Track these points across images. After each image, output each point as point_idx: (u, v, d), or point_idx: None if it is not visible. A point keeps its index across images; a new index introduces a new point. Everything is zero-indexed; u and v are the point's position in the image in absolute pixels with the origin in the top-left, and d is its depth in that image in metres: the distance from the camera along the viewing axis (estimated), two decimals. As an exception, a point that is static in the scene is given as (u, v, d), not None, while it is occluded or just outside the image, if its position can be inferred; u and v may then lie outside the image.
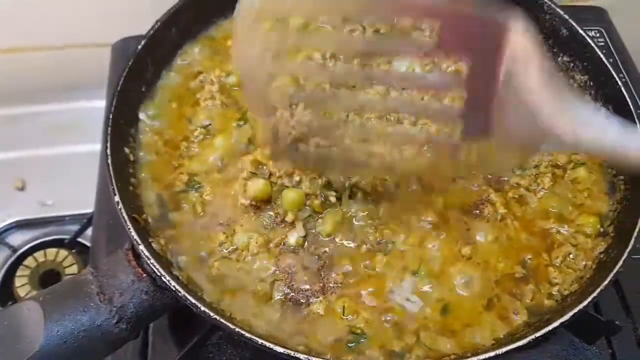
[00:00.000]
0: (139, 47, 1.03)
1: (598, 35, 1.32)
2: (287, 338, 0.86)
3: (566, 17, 1.10)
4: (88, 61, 1.42)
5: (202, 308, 0.79)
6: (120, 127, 0.98)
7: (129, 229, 0.85)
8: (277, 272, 0.91)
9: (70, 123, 1.49)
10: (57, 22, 1.45)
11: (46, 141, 1.47)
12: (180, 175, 1.00)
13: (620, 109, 1.03)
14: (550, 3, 1.12)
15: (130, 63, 1.01)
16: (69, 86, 1.51)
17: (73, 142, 1.46)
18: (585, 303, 0.81)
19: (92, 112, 1.44)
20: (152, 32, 1.06)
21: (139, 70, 1.04)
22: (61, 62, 1.51)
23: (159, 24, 1.07)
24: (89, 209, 1.33)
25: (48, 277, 1.33)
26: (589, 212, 0.97)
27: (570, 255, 0.92)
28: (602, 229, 0.95)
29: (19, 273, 1.33)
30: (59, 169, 1.44)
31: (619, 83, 1.03)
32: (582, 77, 1.10)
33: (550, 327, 0.79)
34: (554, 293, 0.90)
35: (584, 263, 0.92)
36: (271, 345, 0.77)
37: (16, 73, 1.52)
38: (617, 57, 1.28)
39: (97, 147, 1.28)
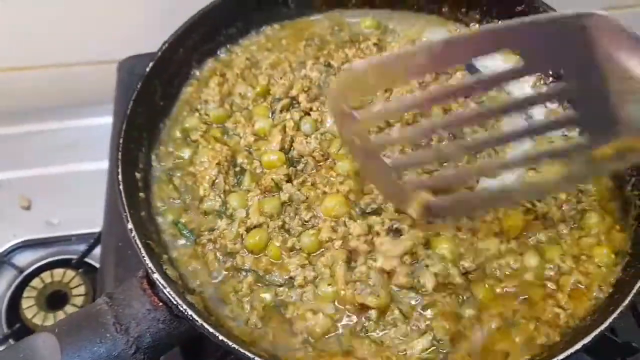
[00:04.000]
0: (147, 69, 1.02)
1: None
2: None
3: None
4: (93, 79, 1.41)
5: (220, 337, 0.78)
6: (131, 151, 0.97)
7: (143, 256, 0.84)
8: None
9: (75, 141, 1.47)
10: (61, 40, 1.44)
11: (51, 159, 1.45)
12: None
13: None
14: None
15: (139, 86, 1.00)
16: (74, 104, 1.50)
17: (79, 160, 1.45)
18: (606, 324, 0.81)
19: (98, 129, 1.43)
20: (160, 53, 1.05)
21: (147, 92, 1.03)
22: (66, 80, 1.50)
23: (166, 44, 1.06)
24: (96, 228, 1.32)
25: (55, 298, 1.31)
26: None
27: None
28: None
29: (25, 294, 1.31)
30: (64, 188, 1.42)
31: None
32: (592, 91, 1.10)
33: (572, 349, 0.79)
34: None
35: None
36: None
37: (21, 91, 1.51)
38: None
39: (103, 165, 1.28)
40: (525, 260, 0.93)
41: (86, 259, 1.36)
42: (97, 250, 1.32)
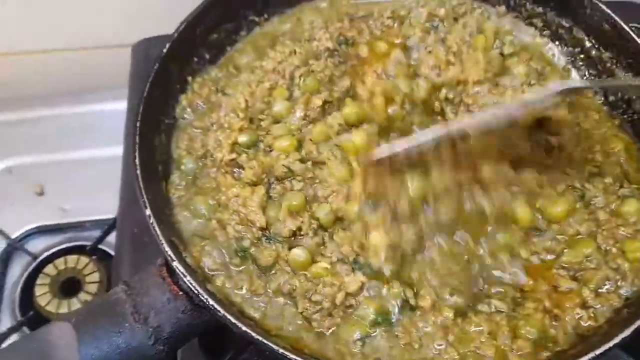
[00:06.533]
0: (164, 50, 0.99)
1: (638, 31, 1.26)
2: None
3: (609, 11, 1.05)
4: (107, 62, 1.39)
5: (243, 328, 0.75)
6: (147, 135, 0.94)
7: (162, 244, 0.81)
8: None
9: (89, 126, 1.44)
10: (74, 23, 1.42)
11: (65, 145, 1.43)
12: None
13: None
14: (591, -3, 1.07)
15: (156, 67, 0.96)
16: (88, 88, 1.47)
17: (92, 145, 1.42)
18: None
19: (112, 114, 1.40)
20: (176, 34, 1.01)
21: (164, 74, 0.99)
22: (80, 64, 1.47)
23: (183, 25, 1.02)
24: (110, 214, 1.30)
25: (69, 285, 1.29)
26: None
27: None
28: None
29: (39, 281, 1.29)
30: (78, 173, 1.40)
31: (668, 80, 0.99)
32: (626, 75, 1.06)
33: (611, 344, 0.76)
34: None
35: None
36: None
37: (32, 75, 1.49)
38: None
39: (117, 150, 1.25)
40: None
41: (100, 246, 1.34)
42: (111, 237, 1.30)
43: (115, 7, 1.38)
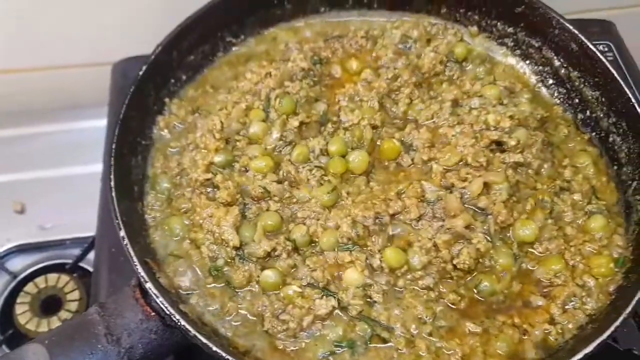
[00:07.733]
0: (140, 72, 1.00)
1: (606, 49, 1.29)
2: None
3: (576, 32, 1.08)
4: (87, 80, 1.39)
5: (214, 348, 0.77)
6: (124, 156, 0.96)
7: (136, 265, 0.83)
8: None
9: (69, 144, 1.45)
10: (55, 41, 1.42)
11: (45, 163, 1.43)
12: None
13: (633, 125, 1.01)
14: (559, 18, 1.10)
15: (132, 90, 0.98)
16: (68, 106, 1.48)
17: (72, 163, 1.42)
18: (609, 332, 0.80)
19: (92, 132, 1.40)
20: (153, 56, 1.03)
21: (141, 96, 1.01)
22: (60, 82, 1.48)
23: (160, 47, 1.04)
24: (91, 232, 1.29)
25: (49, 304, 1.28)
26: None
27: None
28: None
29: (19, 300, 1.29)
30: (58, 191, 1.40)
31: (632, 99, 1.01)
32: (593, 93, 1.08)
33: (575, 359, 0.78)
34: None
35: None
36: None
37: (13, 93, 1.49)
38: (626, 72, 1.25)
39: (97, 168, 1.26)
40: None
41: (80, 264, 1.33)
42: (92, 255, 1.30)
43: (96, 26, 1.39)
